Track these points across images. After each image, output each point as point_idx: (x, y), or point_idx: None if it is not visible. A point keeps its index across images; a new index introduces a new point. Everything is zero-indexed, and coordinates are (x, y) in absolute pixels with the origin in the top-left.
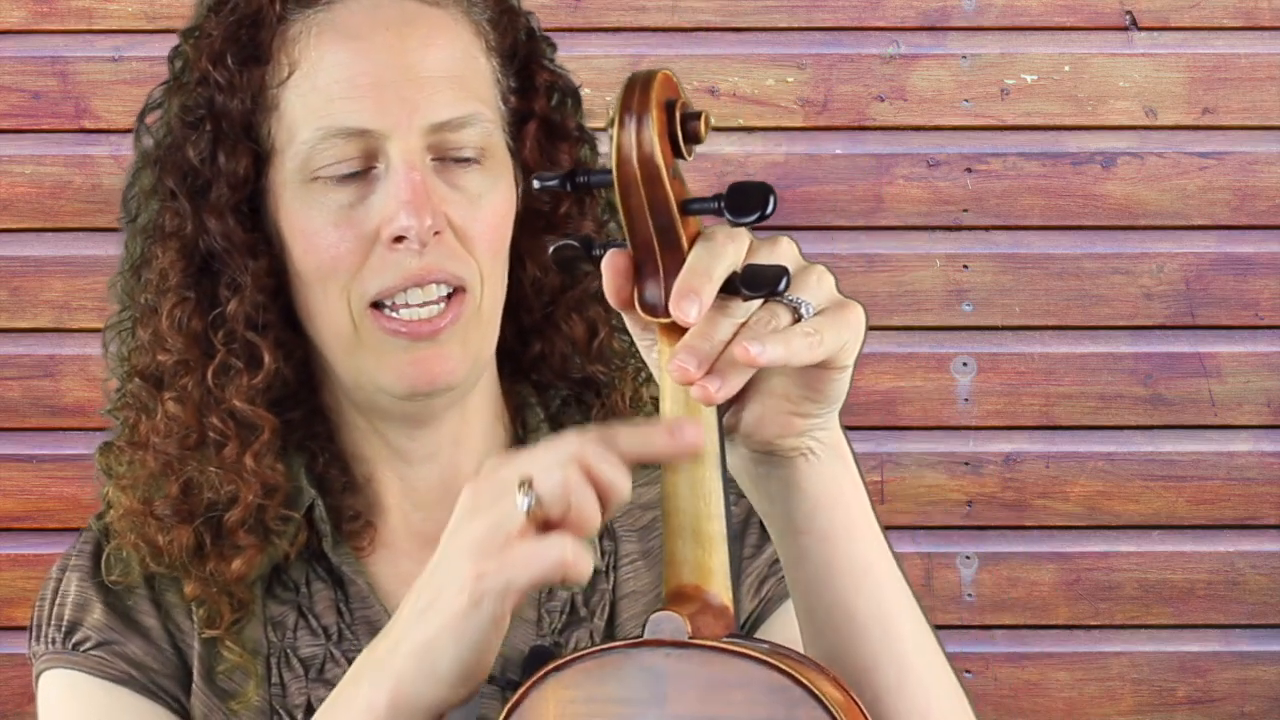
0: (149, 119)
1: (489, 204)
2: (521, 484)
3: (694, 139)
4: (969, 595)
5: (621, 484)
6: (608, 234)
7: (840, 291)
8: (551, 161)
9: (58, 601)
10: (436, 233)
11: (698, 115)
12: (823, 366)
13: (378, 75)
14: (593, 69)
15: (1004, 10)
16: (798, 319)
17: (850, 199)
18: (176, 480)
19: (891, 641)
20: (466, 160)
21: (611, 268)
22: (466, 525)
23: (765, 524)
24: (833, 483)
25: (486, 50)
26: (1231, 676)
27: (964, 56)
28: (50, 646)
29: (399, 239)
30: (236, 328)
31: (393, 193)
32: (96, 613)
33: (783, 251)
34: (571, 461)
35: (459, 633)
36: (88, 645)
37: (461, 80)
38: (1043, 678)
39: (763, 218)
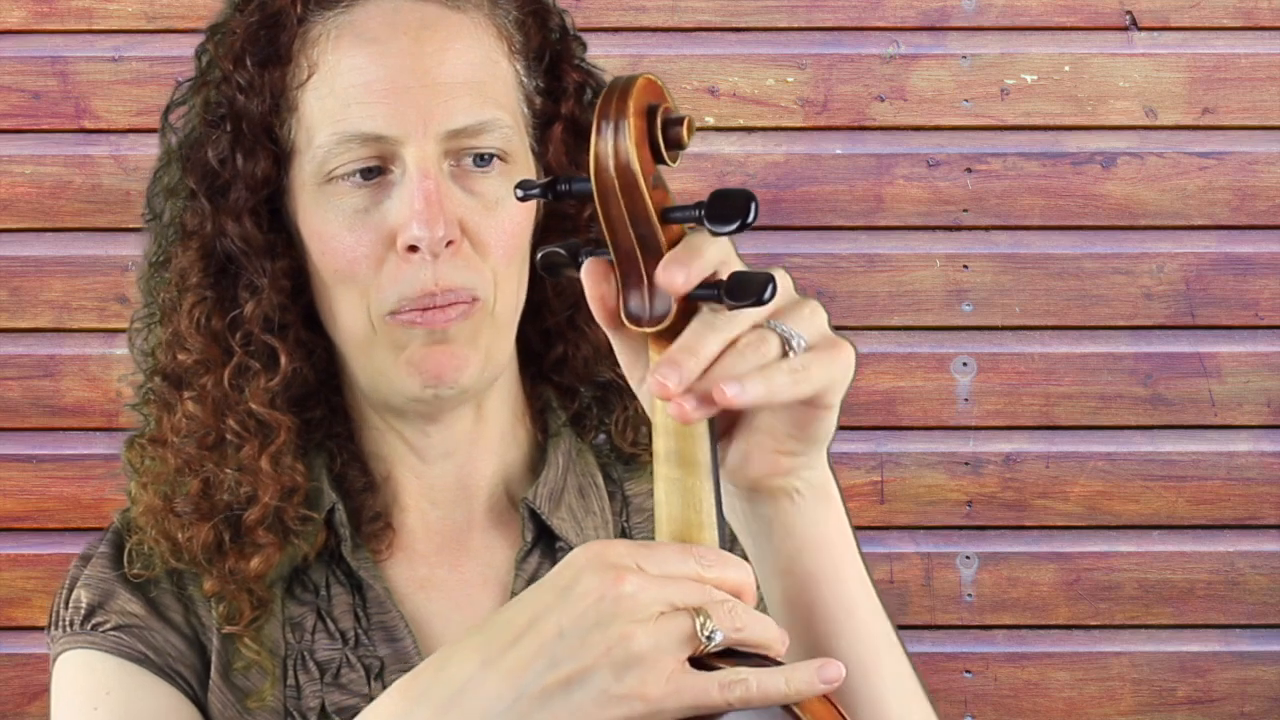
0: (174, 115)
1: (506, 210)
2: (699, 613)
3: (676, 145)
4: (969, 595)
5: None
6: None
7: (832, 327)
8: (577, 164)
9: (78, 588)
10: (449, 242)
11: (680, 120)
12: (808, 404)
13: (394, 81)
14: None
15: (1004, 10)
16: (786, 351)
17: (850, 199)
18: (196, 478)
19: (871, 685)
20: (484, 165)
21: (591, 275)
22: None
23: (752, 563)
24: (818, 526)
25: (509, 53)
26: (1231, 676)
27: (964, 56)
28: (67, 630)
29: (412, 249)
30: (254, 330)
31: (407, 201)
32: (120, 600)
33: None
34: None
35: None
36: (107, 626)
37: (480, 86)
38: (1043, 678)
39: (744, 226)
